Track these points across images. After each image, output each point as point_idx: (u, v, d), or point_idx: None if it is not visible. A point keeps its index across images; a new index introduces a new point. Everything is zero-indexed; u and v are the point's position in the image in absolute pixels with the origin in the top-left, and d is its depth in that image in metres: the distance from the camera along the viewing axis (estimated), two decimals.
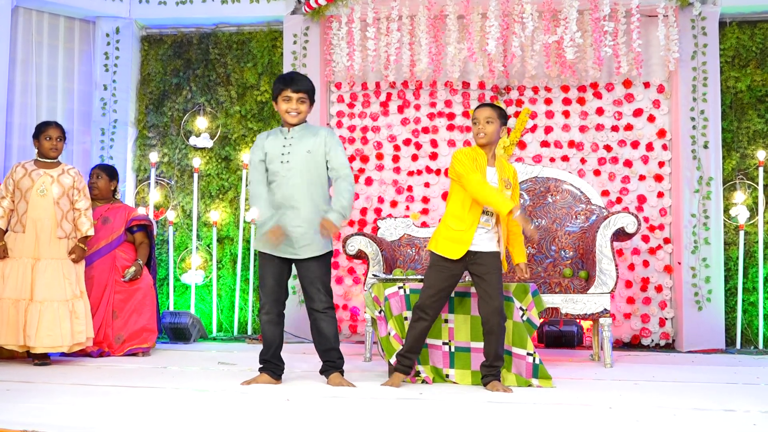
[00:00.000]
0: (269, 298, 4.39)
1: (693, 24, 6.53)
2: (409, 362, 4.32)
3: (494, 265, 4.26)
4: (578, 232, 5.76)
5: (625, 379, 4.65)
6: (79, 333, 5.29)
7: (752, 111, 6.65)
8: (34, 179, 5.30)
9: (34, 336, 5.11)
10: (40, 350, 5.15)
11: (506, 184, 4.29)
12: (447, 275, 4.28)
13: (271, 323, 4.39)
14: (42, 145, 5.36)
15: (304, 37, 7.04)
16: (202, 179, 7.34)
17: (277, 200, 4.35)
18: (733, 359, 5.80)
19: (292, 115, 4.37)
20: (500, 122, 4.32)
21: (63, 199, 5.36)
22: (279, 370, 4.42)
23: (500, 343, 4.24)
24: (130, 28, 7.38)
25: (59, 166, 5.44)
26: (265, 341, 4.41)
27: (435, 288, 4.28)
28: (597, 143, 6.77)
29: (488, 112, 4.32)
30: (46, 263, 5.25)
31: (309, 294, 4.40)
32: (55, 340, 5.16)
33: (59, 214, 5.33)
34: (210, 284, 7.19)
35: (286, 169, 4.33)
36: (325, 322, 4.37)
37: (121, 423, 3.24)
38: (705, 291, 6.33)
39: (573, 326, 6.42)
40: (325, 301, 4.37)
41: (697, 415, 3.52)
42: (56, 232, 5.30)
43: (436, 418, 3.42)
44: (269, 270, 4.40)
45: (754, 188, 6.55)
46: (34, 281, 5.22)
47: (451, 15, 6.56)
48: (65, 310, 5.23)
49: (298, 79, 4.43)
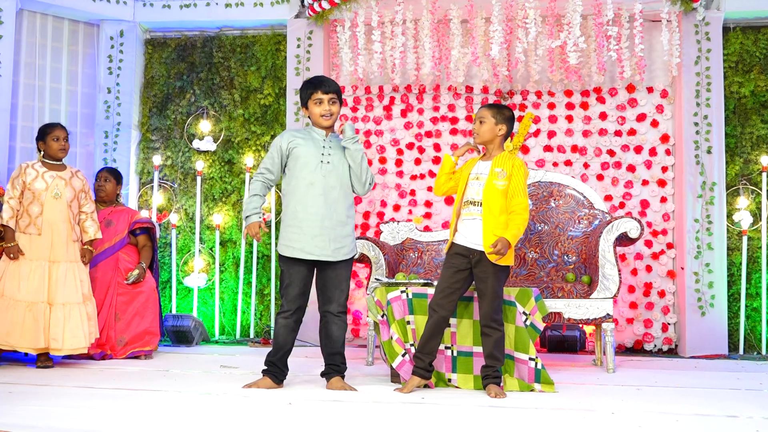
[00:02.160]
0: (293, 305, 4.33)
1: (696, 29, 6.53)
2: (423, 364, 4.27)
3: (492, 268, 4.20)
4: (581, 236, 5.76)
5: (627, 385, 4.64)
6: (91, 334, 5.33)
7: (756, 116, 6.65)
8: (48, 181, 5.31)
9: (61, 338, 5.13)
10: (66, 352, 5.18)
11: (500, 174, 4.23)
12: (452, 271, 4.29)
13: (288, 327, 4.34)
14: (50, 147, 5.37)
15: (308, 41, 7.05)
16: (205, 182, 7.34)
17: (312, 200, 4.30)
18: (736, 365, 5.79)
19: (325, 118, 4.35)
20: (495, 120, 4.31)
21: (74, 202, 5.39)
22: (282, 375, 4.38)
23: (495, 345, 4.23)
24: (133, 32, 7.39)
25: (67, 168, 5.46)
26: (276, 344, 4.35)
27: (441, 284, 4.31)
28: (600, 148, 6.77)
29: (481, 112, 4.36)
30: (66, 266, 5.26)
31: (328, 295, 4.38)
32: (79, 341, 5.21)
33: (72, 217, 5.35)
34: (212, 287, 7.19)
35: (327, 171, 4.32)
36: (336, 326, 4.37)
37: (123, 426, 3.24)
38: (708, 296, 6.32)
39: (576, 331, 6.42)
40: (342, 305, 4.39)
41: (699, 420, 3.51)
42: (71, 235, 5.33)
43: (438, 423, 3.42)
44: (297, 276, 4.34)
45: (758, 193, 6.54)
46: (53, 284, 5.22)
47: (454, 19, 6.57)
48: (83, 312, 5.26)
49: (326, 80, 4.41)
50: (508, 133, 4.38)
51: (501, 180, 4.23)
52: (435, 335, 4.29)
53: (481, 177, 4.29)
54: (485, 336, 4.25)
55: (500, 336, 4.25)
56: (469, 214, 4.29)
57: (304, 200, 4.31)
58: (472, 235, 4.26)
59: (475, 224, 4.25)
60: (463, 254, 4.28)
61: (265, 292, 7.12)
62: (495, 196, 4.23)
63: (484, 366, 4.27)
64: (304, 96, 4.40)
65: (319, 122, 4.38)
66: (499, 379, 4.25)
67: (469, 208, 4.29)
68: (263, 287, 7.14)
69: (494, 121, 4.30)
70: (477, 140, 4.35)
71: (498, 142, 4.34)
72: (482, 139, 4.34)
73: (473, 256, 4.25)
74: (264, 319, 7.10)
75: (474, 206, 4.27)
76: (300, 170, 4.33)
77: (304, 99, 4.41)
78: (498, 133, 4.32)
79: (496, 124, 4.30)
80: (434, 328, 4.28)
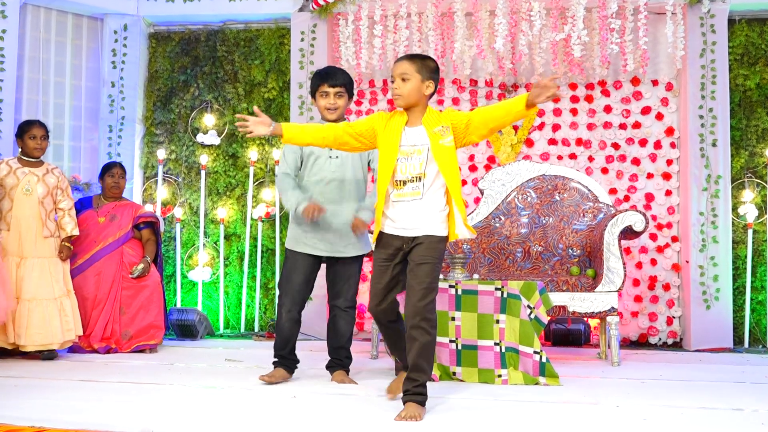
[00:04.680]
0: (295, 297, 4.34)
1: (701, 21, 6.51)
2: None
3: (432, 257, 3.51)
4: (586, 230, 5.75)
5: (632, 378, 4.64)
6: (68, 331, 5.35)
7: (761, 109, 6.63)
8: (20, 177, 5.32)
9: (24, 334, 5.15)
10: (30, 348, 5.18)
11: (443, 132, 3.49)
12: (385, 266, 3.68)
13: (291, 320, 4.35)
14: (26, 145, 5.39)
15: (312, 34, 7.04)
16: (210, 176, 7.34)
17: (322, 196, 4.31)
18: (741, 358, 5.79)
19: (330, 111, 4.34)
20: (421, 76, 3.52)
21: (47, 199, 5.40)
22: (294, 366, 4.42)
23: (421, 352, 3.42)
24: (137, 25, 7.39)
25: (44, 165, 5.48)
26: (281, 337, 4.36)
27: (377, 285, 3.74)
28: (605, 141, 6.76)
29: (402, 67, 3.55)
30: (33, 262, 5.28)
31: (338, 290, 4.41)
32: (45, 337, 5.21)
33: (44, 213, 5.35)
34: (217, 281, 7.20)
35: (336, 165, 4.33)
36: (344, 321, 4.40)
37: (128, 419, 3.25)
38: (713, 289, 6.31)
39: (580, 324, 6.41)
40: (351, 300, 4.41)
41: (704, 414, 3.51)
42: (42, 231, 5.33)
43: (442, 416, 3.42)
44: (301, 268, 4.36)
45: (763, 186, 6.53)
46: (20, 280, 5.24)
47: (458, 12, 6.55)
48: (54, 308, 5.27)
49: (334, 72, 4.39)
50: (435, 90, 3.60)
51: (446, 137, 3.50)
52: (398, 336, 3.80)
53: (419, 147, 3.52)
54: (411, 339, 3.43)
55: (429, 341, 3.43)
56: (402, 196, 3.53)
57: (314, 196, 4.31)
58: (408, 219, 3.53)
59: (412, 207, 3.52)
60: (396, 245, 3.59)
61: (270, 286, 7.13)
62: (448, 159, 3.49)
63: (407, 379, 3.45)
64: (312, 87, 4.43)
65: (324, 115, 4.38)
66: (423, 397, 3.42)
67: (404, 189, 3.52)
68: (267, 281, 7.14)
69: (420, 77, 3.53)
70: (399, 102, 3.57)
71: (424, 102, 3.58)
72: (407, 102, 3.54)
73: (407, 244, 3.56)
74: (269, 312, 7.10)
75: (413, 183, 3.51)
76: (311, 166, 4.36)
77: (312, 90, 4.44)
78: (425, 91, 3.55)
79: (422, 81, 3.53)
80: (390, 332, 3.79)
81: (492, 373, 4.43)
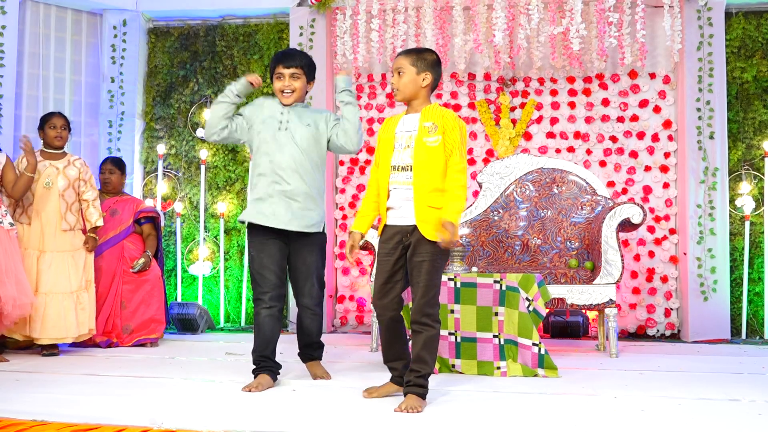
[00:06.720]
0: (270, 288, 3.95)
1: (699, 14, 6.52)
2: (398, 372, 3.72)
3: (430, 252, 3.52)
4: (584, 222, 5.77)
5: (630, 369, 4.67)
6: (83, 324, 5.35)
7: (758, 101, 6.65)
8: (40, 171, 5.33)
9: (39, 328, 5.17)
10: (45, 341, 5.20)
11: (430, 129, 3.52)
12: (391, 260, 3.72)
13: (272, 317, 3.96)
14: (47, 135, 5.41)
15: (311, 29, 7.05)
16: (209, 171, 7.36)
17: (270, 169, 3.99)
18: (739, 349, 5.81)
19: (285, 94, 4.06)
20: (416, 69, 3.59)
21: (68, 191, 5.40)
22: (277, 370, 4.05)
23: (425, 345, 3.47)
24: (137, 21, 7.40)
25: (65, 157, 5.47)
26: (262, 337, 3.96)
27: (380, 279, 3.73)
28: (603, 134, 6.78)
29: (398, 62, 3.63)
30: (51, 256, 5.29)
31: (299, 288, 4.12)
32: (60, 331, 5.22)
33: (64, 207, 5.36)
34: (217, 275, 7.23)
35: (286, 138, 4.00)
36: (310, 319, 4.15)
37: (129, 413, 3.27)
38: (710, 281, 6.34)
39: (579, 317, 6.44)
40: (316, 297, 4.12)
41: (702, 404, 3.53)
42: (61, 225, 5.34)
43: (441, 408, 3.45)
44: (267, 252, 3.98)
45: (760, 179, 6.55)
46: (39, 273, 5.26)
47: (457, 6, 6.56)
48: (70, 302, 5.28)
49: (291, 54, 4.10)
50: (435, 82, 3.65)
51: (432, 136, 3.52)
52: (395, 339, 3.71)
53: (411, 133, 3.59)
54: (415, 333, 3.48)
55: (433, 335, 3.48)
56: (396, 183, 3.59)
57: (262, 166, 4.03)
58: (404, 207, 3.57)
59: (407, 195, 3.56)
60: (396, 238, 3.61)
61: None
62: (426, 157, 3.52)
63: (409, 370, 3.49)
64: (270, 72, 4.13)
65: (279, 99, 4.10)
66: (424, 389, 3.45)
67: (397, 175, 3.59)
68: None
69: (415, 69, 3.59)
70: (398, 97, 3.63)
71: (424, 94, 3.63)
72: (404, 95, 3.62)
73: (406, 238, 3.57)
74: None
75: (405, 172, 3.57)
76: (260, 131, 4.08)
77: (270, 75, 4.13)
78: (422, 83, 3.61)
79: (417, 74, 3.60)
80: (389, 333, 3.69)
81: (491, 365, 4.46)
